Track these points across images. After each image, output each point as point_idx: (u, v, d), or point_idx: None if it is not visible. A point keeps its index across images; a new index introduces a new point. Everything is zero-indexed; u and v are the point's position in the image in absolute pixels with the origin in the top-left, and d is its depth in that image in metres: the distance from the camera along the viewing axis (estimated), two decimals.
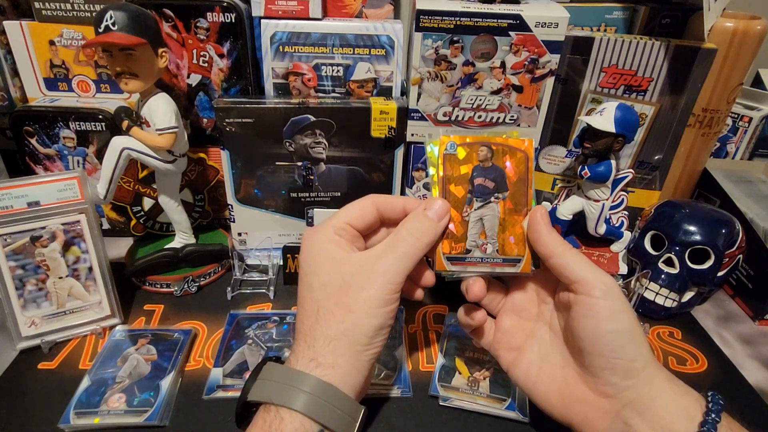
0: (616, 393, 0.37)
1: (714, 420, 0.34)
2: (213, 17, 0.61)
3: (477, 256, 0.42)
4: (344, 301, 0.37)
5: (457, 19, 0.59)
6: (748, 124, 0.84)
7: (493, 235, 0.42)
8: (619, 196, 0.69)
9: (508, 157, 0.42)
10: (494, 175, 0.42)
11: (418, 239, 0.39)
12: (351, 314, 0.37)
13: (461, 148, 0.42)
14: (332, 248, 0.40)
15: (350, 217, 0.41)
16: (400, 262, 0.38)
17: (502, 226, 0.42)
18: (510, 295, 0.46)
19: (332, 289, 0.38)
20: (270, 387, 0.37)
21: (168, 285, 0.63)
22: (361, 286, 0.38)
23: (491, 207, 0.42)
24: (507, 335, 0.45)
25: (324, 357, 0.37)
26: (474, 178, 0.42)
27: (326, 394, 0.36)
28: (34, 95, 0.68)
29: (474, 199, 0.42)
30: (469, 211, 0.42)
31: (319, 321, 0.38)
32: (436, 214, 0.40)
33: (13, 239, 0.52)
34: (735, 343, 0.60)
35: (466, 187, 0.42)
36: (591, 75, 0.66)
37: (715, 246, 0.59)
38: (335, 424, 0.35)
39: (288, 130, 0.63)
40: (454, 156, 0.42)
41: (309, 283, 0.39)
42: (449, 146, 0.42)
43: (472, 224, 0.42)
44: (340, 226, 0.41)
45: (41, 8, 0.63)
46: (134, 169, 0.66)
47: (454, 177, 0.42)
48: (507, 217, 0.42)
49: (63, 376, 0.51)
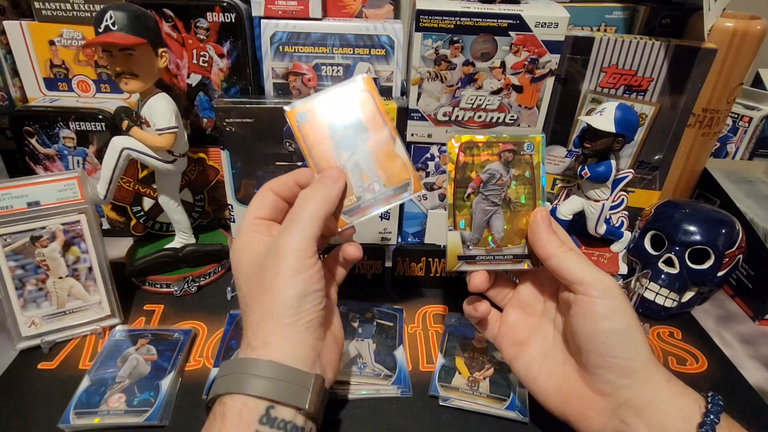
0: (613, 391, 0.38)
1: (713, 421, 0.34)
2: (213, 17, 0.61)
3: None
4: (262, 286, 0.38)
5: (457, 19, 0.59)
6: (748, 124, 0.84)
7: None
8: (619, 196, 0.69)
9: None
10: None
11: (314, 202, 0.40)
12: (269, 293, 0.38)
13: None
14: (251, 244, 0.41)
15: (253, 209, 0.43)
16: (302, 228, 0.38)
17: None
18: (517, 290, 0.47)
19: (253, 281, 0.39)
20: (217, 383, 0.37)
21: (168, 285, 0.63)
22: (272, 264, 0.38)
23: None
24: (511, 329, 0.45)
25: (255, 339, 0.37)
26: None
27: (265, 370, 0.36)
28: (34, 95, 0.68)
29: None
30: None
31: (247, 312, 0.39)
32: (330, 177, 0.41)
33: (13, 239, 0.52)
34: (735, 343, 0.60)
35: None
36: (591, 75, 0.66)
37: (715, 246, 0.59)
38: (283, 395, 0.35)
39: (288, 130, 0.63)
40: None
41: (238, 285, 0.41)
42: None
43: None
44: (251, 222, 0.42)
45: (41, 8, 0.63)
46: (134, 169, 0.66)
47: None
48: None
49: (63, 376, 0.51)
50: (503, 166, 0.42)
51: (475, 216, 0.43)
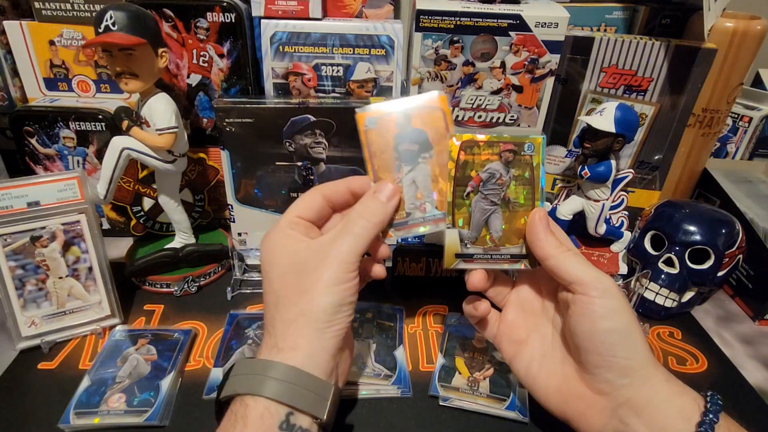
0: (612, 391, 0.38)
1: (712, 420, 0.34)
2: (213, 17, 0.61)
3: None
4: (301, 285, 0.38)
5: (457, 19, 0.59)
6: (748, 124, 0.84)
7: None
8: (619, 196, 0.69)
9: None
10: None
11: (368, 220, 0.40)
12: (306, 294, 0.38)
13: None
14: (287, 241, 0.41)
15: (299, 210, 0.42)
16: (353, 243, 0.39)
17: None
18: (516, 290, 0.47)
19: (289, 277, 0.39)
20: (237, 380, 0.37)
21: (168, 285, 0.63)
22: (316, 268, 0.38)
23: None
24: (511, 328, 0.45)
25: (284, 341, 0.37)
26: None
27: (290, 376, 0.36)
28: (34, 95, 0.68)
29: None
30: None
31: (279, 309, 0.39)
32: (385, 195, 0.42)
33: (13, 239, 0.52)
34: (735, 343, 0.60)
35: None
36: (591, 75, 0.66)
37: (715, 246, 0.59)
38: (304, 404, 0.35)
39: (288, 130, 0.63)
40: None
41: (269, 279, 0.40)
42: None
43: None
44: (292, 220, 0.42)
45: (41, 8, 0.63)
46: (134, 169, 0.66)
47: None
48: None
49: (63, 376, 0.51)
50: (503, 166, 0.42)
51: (473, 215, 0.43)
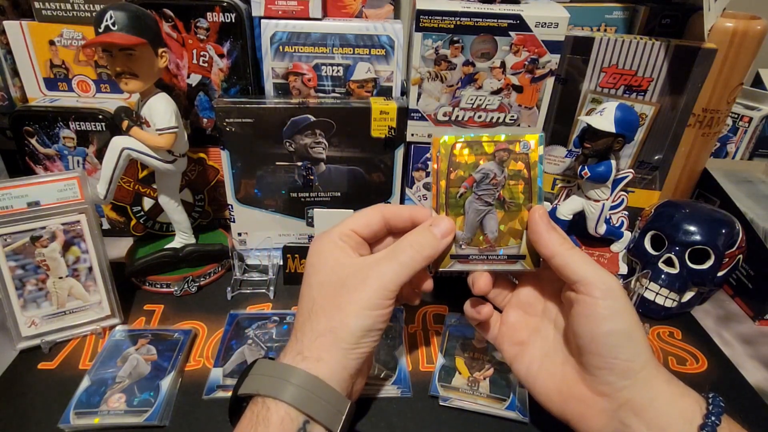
0: (613, 392, 0.37)
1: (714, 423, 0.34)
2: (213, 17, 0.61)
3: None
4: (337, 301, 0.39)
5: (457, 19, 0.59)
6: (748, 124, 0.84)
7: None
8: (619, 196, 0.69)
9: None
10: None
11: (418, 252, 0.40)
12: (340, 312, 0.38)
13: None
14: (335, 252, 0.41)
15: (356, 224, 0.43)
16: (397, 271, 0.39)
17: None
18: (517, 291, 0.46)
19: (328, 288, 0.39)
20: (258, 380, 0.37)
21: (168, 285, 0.63)
22: (355, 287, 0.39)
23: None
24: (512, 330, 0.45)
25: (310, 351, 0.38)
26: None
27: (311, 385, 0.36)
28: (34, 95, 0.68)
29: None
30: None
31: (311, 317, 0.39)
32: (441, 231, 0.41)
33: (13, 239, 0.52)
34: (735, 343, 0.60)
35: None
36: (591, 75, 0.66)
37: (715, 246, 0.59)
38: (321, 415, 0.36)
39: (288, 130, 0.63)
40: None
41: (309, 282, 0.41)
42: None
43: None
44: (345, 232, 0.42)
45: (41, 8, 0.63)
46: (134, 169, 0.66)
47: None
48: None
49: (63, 376, 0.51)
50: (497, 166, 0.42)
51: (467, 215, 0.42)
